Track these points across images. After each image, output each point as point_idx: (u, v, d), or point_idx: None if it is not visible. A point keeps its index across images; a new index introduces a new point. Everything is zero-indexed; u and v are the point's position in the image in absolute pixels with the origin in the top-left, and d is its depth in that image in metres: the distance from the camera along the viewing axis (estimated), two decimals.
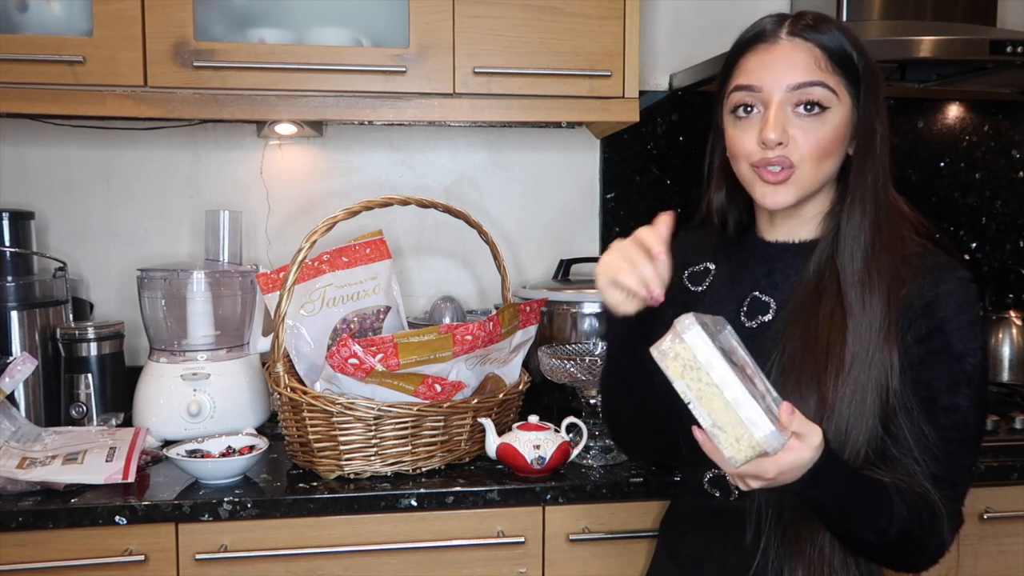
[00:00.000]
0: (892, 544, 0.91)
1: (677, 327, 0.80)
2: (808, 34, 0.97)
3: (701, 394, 0.78)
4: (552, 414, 1.50)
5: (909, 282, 0.95)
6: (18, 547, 1.19)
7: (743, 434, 0.78)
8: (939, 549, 0.96)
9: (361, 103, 1.51)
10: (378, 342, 1.24)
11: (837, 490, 0.87)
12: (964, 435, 0.94)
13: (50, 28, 1.47)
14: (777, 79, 0.96)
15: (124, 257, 1.78)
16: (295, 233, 1.81)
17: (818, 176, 0.98)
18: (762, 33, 0.99)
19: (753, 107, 0.98)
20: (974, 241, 2.03)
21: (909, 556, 0.96)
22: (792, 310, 1.00)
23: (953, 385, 0.94)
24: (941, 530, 0.93)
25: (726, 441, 0.78)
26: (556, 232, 1.92)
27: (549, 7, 1.52)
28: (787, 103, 0.96)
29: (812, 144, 0.96)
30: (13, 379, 1.38)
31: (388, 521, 1.26)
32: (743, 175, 1.02)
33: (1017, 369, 1.78)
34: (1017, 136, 2.03)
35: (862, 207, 0.97)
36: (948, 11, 1.72)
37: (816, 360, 0.95)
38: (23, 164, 1.75)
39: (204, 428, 1.45)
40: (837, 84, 0.96)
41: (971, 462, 0.97)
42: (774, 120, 0.95)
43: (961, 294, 0.95)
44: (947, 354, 0.94)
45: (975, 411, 0.95)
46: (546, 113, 1.55)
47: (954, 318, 0.94)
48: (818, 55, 0.96)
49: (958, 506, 0.97)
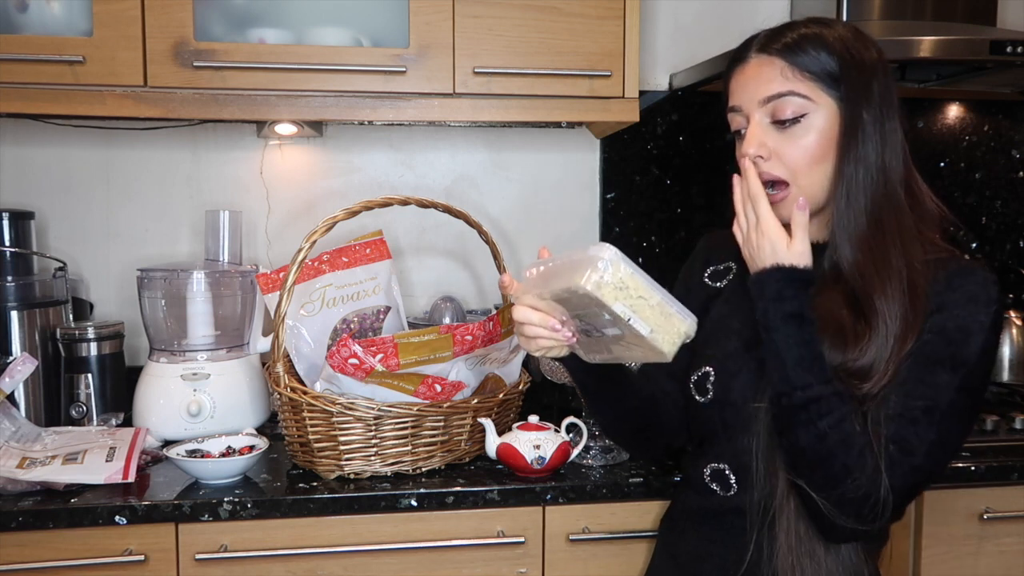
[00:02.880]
0: (802, 412, 0.91)
1: (605, 256, 0.86)
2: (773, 47, 1.00)
3: (635, 308, 0.87)
4: (552, 414, 1.50)
5: (930, 280, 0.95)
6: (18, 547, 1.19)
7: (672, 328, 0.89)
8: (846, 476, 0.90)
9: (361, 103, 1.51)
10: (378, 342, 1.24)
11: (788, 307, 0.92)
12: (930, 408, 0.91)
13: (50, 28, 1.47)
14: (750, 96, 1.00)
15: (124, 257, 1.78)
16: (295, 233, 1.81)
17: (817, 182, 1.00)
18: (737, 54, 1.04)
19: (741, 129, 1.03)
20: (974, 241, 2.03)
21: (827, 470, 0.91)
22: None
23: (935, 363, 0.93)
24: (873, 481, 0.90)
25: (663, 339, 0.89)
26: (556, 232, 1.92)
27: (549, 7, 1.52)
28: (764, 117, 1.00)
29: (799, 154, 0.98)
30: (13, 379, 1.38)
31: (388, 521, 1.26)
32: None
33: (1017, 369, 1.78)
34: (1017, 136, 2.03)
35: (848, 200, 0.98)
36: (948, 11, 1.72)
37: (830, 348, 0.95)
38: (23, 164, 1.75)
39: (204, 428, 1.45)
40: (810, 89, 0.98)
41: (933, 439, 0.92)
42: (750, 136, 1.00)
43: (973, 288, 0.94)
44: (939, 335, 0.93)
45: (954, 394, 0.92)
46: (546, 113, 1.55)
47: (958, 306, 0.93)
48: (783, 66, 0.98)
49: (901, 474, 0.91)
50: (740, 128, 1.03)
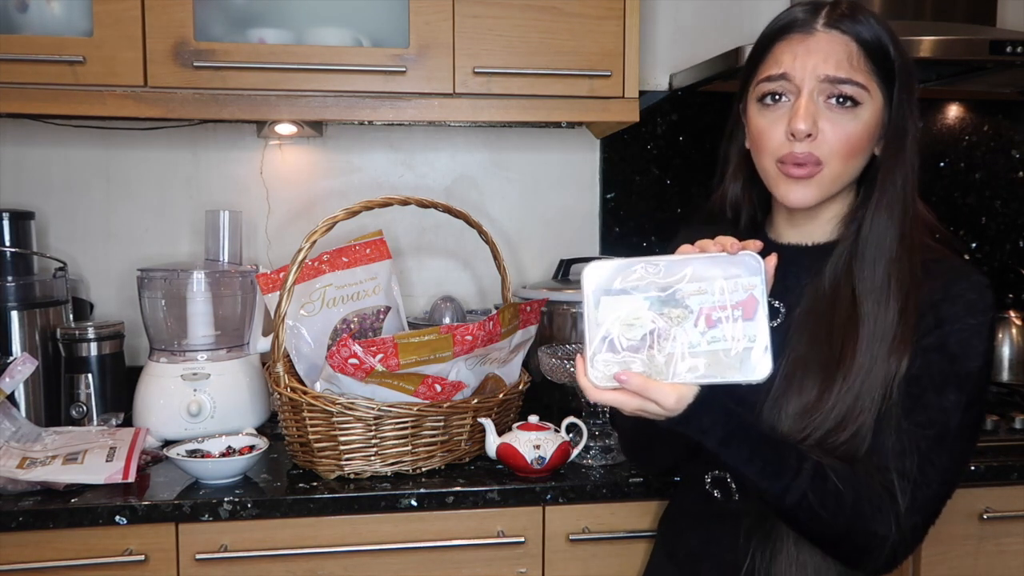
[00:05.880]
0: (794, 511, 0.87)
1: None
2: (845, 25, 0.93)
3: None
4: (552, 414, 1.50)
5: (925, 288, 0.92)
6: (18, 547, 1.19)
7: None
8: (871, 541, 0.88)
9: (361, 103, 1.51)
10: (378, 342, 1.24)
11: (718, 432, 0.85)
12: (942, 434, 0.89)
13: (50, 28, 1.47)
14: (811, 69, 0.93)
15: (124, 257, 1.78)
16: (295, 233, 1.81)
17: (844, 175, 0.96)
18: (795, 22, 0.96)
19: (783, 95, 0.95)
20: (974, 241, 2.03)
21: (827, 536, 0.89)
22: (802, 314, 0.97)
23: (942, 384, 0.90)
24: (884, 522, 0.87)
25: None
26: (556, 232, 1.92)
27: (549, 7, 1.52)
28: (818, 93, 0.94)
29: (842, 139, 0.93)
30: (13, 379, 1.38)
31: (388, 521, 1.26)
32: (766, 170, 0.99)
33: (1017, 369, 1.78)
34: (1017, 136, 2.03)
35: (889, 211, 0.94)
36: (948, 11, 1.72)
37: (822, 367, 0.93)
38: (23, 164, 1.75)
39: (204, 428, 1.45)
40: (869, 81, 0.93)
41: (947, 466, 0.90)
42: (805, 110, 0.93)
43: (970, 298, 0.91)
44: (942, 352, 0.90)
45: (961, 415, 0.90)
46: (546, 113, 1.55)
47: (958, 319, 0.90)
48: (853, 50, 0.93)
49: (920, 508, 0.89)
50: (776, 93, 0.96)
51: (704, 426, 0.85)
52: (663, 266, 0.82)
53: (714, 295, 0.82)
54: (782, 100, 0.96)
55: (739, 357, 0.81)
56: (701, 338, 0.81)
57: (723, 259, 0.83)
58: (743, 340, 0.81)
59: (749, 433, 0.87)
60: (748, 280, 0.82)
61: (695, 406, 0.83)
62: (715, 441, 0.86)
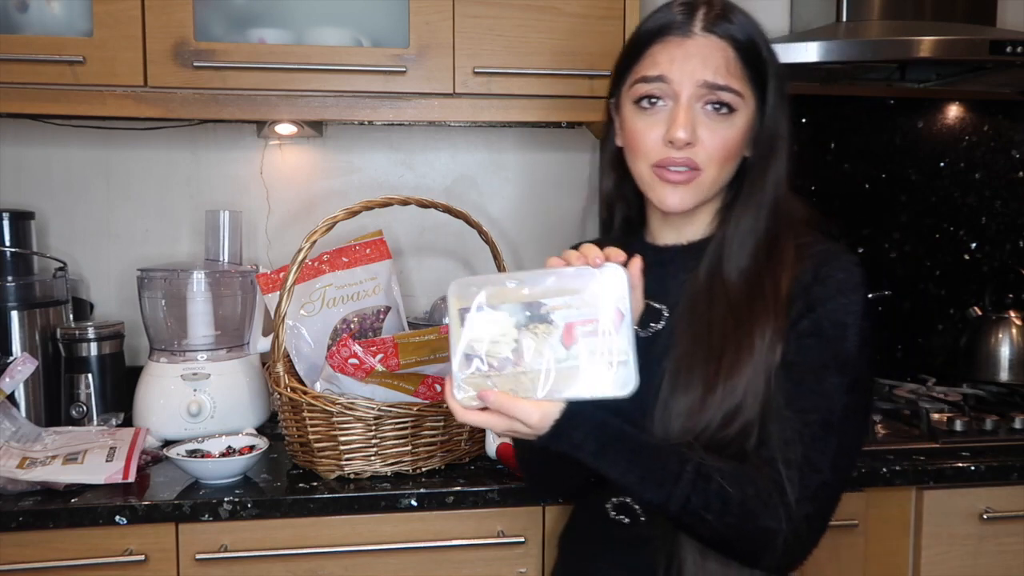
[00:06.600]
0: (681, 517, 0.85)
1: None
2: (721, 29, 0.94)
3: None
4: None
5: (797, 272, 0.92)
6: (18, 547, 1.19)
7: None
8: (764, 536, 0.85)
9: (361, 103, 1.51)
10: (378, 342, 1.24)
11: (591, 446, 0.83)
12: (827, 419, 0.87)
13: (50, 28, 1.47)
14: (689, 73, 0.93)
15: (124, 257, 1.78)
16: (295, 233, 1.81)
17: (720, 179, 0.97)
18: (673, 23, 0.96)
19: (660, 99, 0.95)
20: (974, 241, 2.03)
21: (719, 538, 0.87)
22: (682, 311, 0.97)
23: (820, 368, 0.88)
24: (774, 516, 0.84)
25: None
26: (556, 232, 1.92)
27: (549, 7, 1.52)
28: (696, 99, 0.94)
29: (719, 145, 0.94)
30: (13, 379, 1.38)
31: (388, 521, 1.26)
32: (641, 175, 0.98)
33: (1017, 369, 1.78)
34: (1017, 136, 2.03)
35: (756, 212, 0.96)
36: (948, 11, 1.72)
37: (705, 363, 0.91)
38: (23, 164, 1.75)
39: (204, 428, 1.46)
40: (744, 87, 0.94)
41: (836, 451, 0.87)
42: (684, 118, 0.93)
43: (840, 278, 0.91)
44: (817, 336, 0.89)
45: (845, 397, 0.88)
46: (546, 113, 1.55)
47: (829, 299, 0.90)
48: (730, 55, 0.94)
49: (812, 497, 0.86)
50: (652, 96, 0.95)
51: (576, 441, 0.83)
52: (528, 281, 0.82)
53: (579, 309, 0.81)
54: (659, 104, 0.96)
55: (604, 371, 0.80)
56: (567, 353, 0.81)
57: (587, 272, 0.82)
58: (607, 354, 0.80)
59: (625, 443, 0.85)
60: (612, 292, 0.81)
61: (563, 422, 0.82)
62: (590, 455, 0.84)
